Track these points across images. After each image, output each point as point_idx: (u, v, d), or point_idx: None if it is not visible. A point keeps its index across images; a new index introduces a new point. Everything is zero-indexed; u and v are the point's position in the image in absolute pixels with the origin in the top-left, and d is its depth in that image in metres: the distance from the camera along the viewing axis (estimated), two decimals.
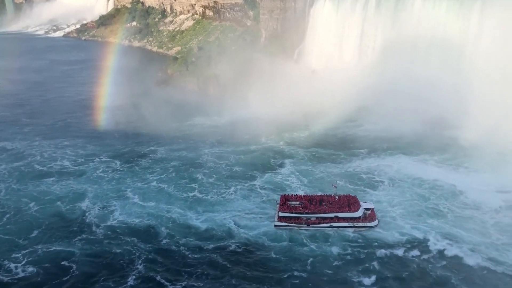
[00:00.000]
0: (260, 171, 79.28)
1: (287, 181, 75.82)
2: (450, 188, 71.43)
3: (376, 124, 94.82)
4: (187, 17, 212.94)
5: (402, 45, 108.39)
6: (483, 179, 73.38)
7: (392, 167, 79.09)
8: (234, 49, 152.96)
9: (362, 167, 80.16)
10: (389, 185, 73.43)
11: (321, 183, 74.61)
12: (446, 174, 75.78)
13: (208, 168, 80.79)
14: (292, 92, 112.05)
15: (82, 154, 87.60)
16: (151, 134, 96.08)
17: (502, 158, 76.92)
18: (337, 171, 78.61)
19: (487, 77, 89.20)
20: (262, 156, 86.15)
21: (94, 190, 72.90)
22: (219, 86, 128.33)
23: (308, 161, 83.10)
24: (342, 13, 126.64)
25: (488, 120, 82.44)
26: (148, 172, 79.12)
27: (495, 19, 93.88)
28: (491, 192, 69.92)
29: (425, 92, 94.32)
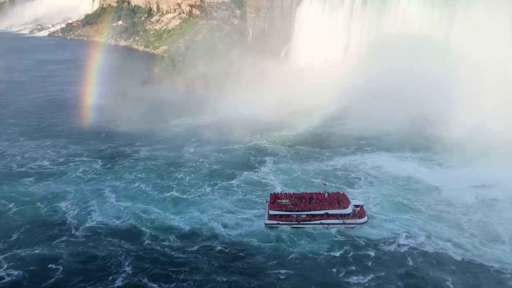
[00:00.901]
0: (240, 169, 79.18)
1: (265, 179, 75.91)
2: (428, 185, 71.96)
3: (361, 122, 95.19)
4: (174, 16, 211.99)
5: (387, 44, 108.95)
6: (462, 175, 74.14)
7: (372, 164, 79.71)
8: (221, 48, 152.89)
9: (343, 164, 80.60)
10: (366, 182, 73.79)
11: (300, 181, 74.68)
12: (425, 171, 76.51)
13: (188, 167, 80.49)
14: (279, 91, 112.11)
15: (64, 154, 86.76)
16: (136, 133, 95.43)
17: (482, 155, 77.42)
18: (318, 169, 78.80)
19: (471, 75, 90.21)
20: (244, 154, 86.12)
21: (73, 190, 72.13)
22: (206, 85, 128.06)
23: (290, 159, 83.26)
24: (329, 12, 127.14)
25: (472, 117, 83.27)
26: (128, 172, 78.57)
27: (479, 18, 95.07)
28: (469, 188, 70.53)
29: (411, 91, 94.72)
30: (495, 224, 61.29)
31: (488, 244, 57.11)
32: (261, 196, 69.48)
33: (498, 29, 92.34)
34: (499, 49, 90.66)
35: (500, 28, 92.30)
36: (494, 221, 62.22)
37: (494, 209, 65.07)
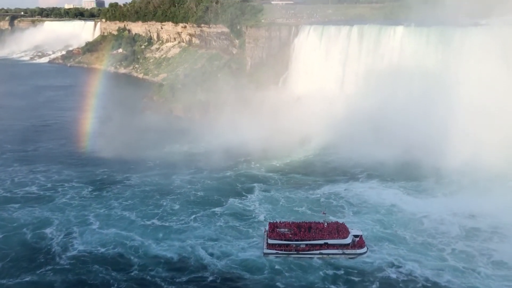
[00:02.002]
0: (226, 197, 79.01)
1: (249, 207, 75.50)
2: (413, 214, 71.82)
3: (356, 151, 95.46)
4: (174, 44, 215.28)
5: (384, 74, 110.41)
6: (449, 205, 74.05)
7: (360, 193, 79.69)
8: (220, 76, 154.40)
9: (331, 193, 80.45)
10: (351, 211, 73.57)
11: (285, 209, 74.34)
12: (412, 200, 76.53)
13: (176, 194, 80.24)
14: (276, 119, 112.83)
15: (54, 179, 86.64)
16: (131, 160, 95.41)
17: (473, 185, 77.91)
18: (303, 198, 78.48)
19: (466, 108, 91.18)
20: (233, 182, 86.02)
21: (58, 217, 71.60)
22: (204, 113, 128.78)
23: (279, 188, 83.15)
24: (326, 42, 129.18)
25: (468, 149, 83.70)
26: (114, 198, 78.36)
27: (473, 53, 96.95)
28: (454, 218, 70.52)
29: (407, 120, 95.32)
30: (478, 255, 61.06)
31: (473, 274, 56.87)
32: (245, 225, 69.27)
33: (492, 64, 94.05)
34: (494, 83, 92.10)
35: (494, 63, 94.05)
36: (477, 251, 62.00)
37: (477, 240, 64.90)
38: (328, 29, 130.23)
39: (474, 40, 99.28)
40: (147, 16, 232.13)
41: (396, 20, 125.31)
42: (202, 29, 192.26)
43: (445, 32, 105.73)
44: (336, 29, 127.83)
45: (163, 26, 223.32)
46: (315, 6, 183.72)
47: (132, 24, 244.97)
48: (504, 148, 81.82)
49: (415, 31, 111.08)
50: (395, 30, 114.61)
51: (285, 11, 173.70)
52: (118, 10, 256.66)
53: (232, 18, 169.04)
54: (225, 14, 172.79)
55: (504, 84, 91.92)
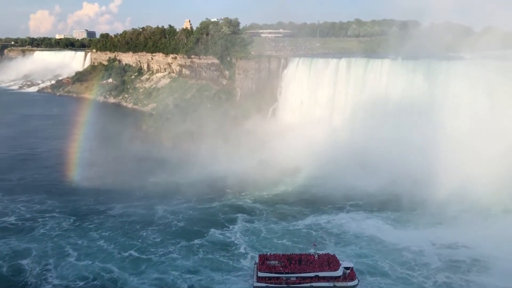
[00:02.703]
0: (208, 227, 78.18)
1: (230, 239, 74.71)
2: (395, 245, 71.61)
3: (345, 182, 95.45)
4: (164, 75, 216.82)
5: (372, 106, 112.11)
6: (431, 237, 74.13)
7: (344, 225, 79.43)
8: (209, 107, 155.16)
9: (314, 224, 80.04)
10: (332, 242, 73.18)
11: (266, 241, 73.65)
12: (394, 231, 76.45)
13: (157, 225, 79.27)
14: (265, 149, 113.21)
15: (36, 209, 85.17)
16: (116, 190, 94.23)
17: (456, 217, 78.70)
18: (285, 229, 77.85)
19: (453, 137, 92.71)
20: (217, 212, 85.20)
21: (35, 248, 70.14)
22: (193, 143, 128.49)
23: (263, 219, 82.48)
24: (314, 74, 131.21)
25: (454, 180, 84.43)
26: (94, 229, 77.18)
27: (459, 82, 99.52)
28: (436, 250, 70.62)
29: (395, 152, 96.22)
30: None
31: None
32: (225, 256, 68.56)
33: (477, 96, 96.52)
34: (479, 115, 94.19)
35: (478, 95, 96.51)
36: (457, 284, 62.17)
37: (457, 271, 65.00)
38: (316, 62, 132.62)
39: (459, 73, 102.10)
40: (138, 47, 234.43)
41: (382, 53, 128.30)
42: (192, 60, 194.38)
43: (431, 65, 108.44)
44: (325, 61, 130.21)
45: (153, 56, 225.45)
46: (304, 39, 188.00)
47: (122, 54, 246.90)
48: (490, 180, 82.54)
49: (402, 64, 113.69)
50: (382, 63, 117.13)
51: (274, 43, 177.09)
52: (109, 41, 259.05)
53: (222, 50, 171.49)
54: (215, 46, 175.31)
55: (488, 115, 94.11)
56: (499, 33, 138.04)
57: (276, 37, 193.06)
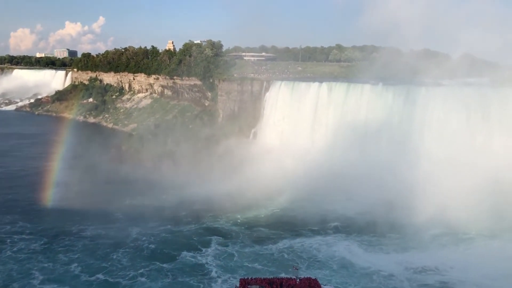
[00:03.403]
0: (180, 250, 76.46)
1: (201, 262, 73.12)
2: (366, 269, 70.89)
3: (325, 206, 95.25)
4: (145, 95, 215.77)
5: (353, 130, 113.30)
6: (404, 261, 73.56)
7: (318, 248, 78.41)
8: (191, 128, 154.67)
9: (289, 247, 78.86)
10: (303, 266, 71.78)
11: (236, 264, 72.29)
12: (367, 255, 75.69)
13: (129, 248, 77.11)
14: (247, 171, 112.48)
15: (5, 231, 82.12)
16: (91, 211, 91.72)
17: (432, 241, 79.19)
18: (261, 253, 76.56)
19: (432, 161, 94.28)
20: (192, 235, 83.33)
21: (0, 271, 67.77)
22: (173, 164, 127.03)
23: (238, 242, 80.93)
24: (296, 97, 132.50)
25: (434, 204, 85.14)
26: (64, 252, 74.74)
27: (437, 107, 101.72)
28: (407, 274, 69.97)
29: (375, 176, 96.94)
30: None
31: None
32: (195, 280, 67.23)
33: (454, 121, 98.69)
34: (457, 140, 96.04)
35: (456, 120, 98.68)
36: None
37: None
38: (298, 85, 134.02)
39: (437, 98, 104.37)
40: (119, 67, 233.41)
41: (363, 78, 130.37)
42: (174, 81, 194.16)
43: (410, 91, 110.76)
44: (306, 85, 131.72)
45: (135, 77, 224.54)
46: (286, 63, 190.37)
47: (104, 74, 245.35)
48: (468, 205, 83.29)
49: (382, 89, 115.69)
50: (362, 88, 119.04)
51: (257, 66, 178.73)
52: (91, 60, 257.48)
53: (204, 71, 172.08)
54: (198, 67, 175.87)
55: (466, 141, 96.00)
56: (476, 60, 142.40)
57: (258, 60, 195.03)
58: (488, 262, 71.26)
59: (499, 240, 78.66)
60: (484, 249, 76.22)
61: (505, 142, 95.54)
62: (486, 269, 69.32)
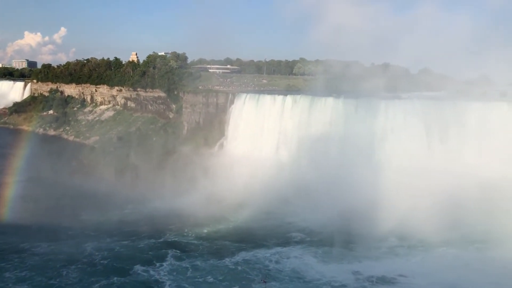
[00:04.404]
0: (133, 264, 74.45)
1: (153, 277, 71.29)
2: (317, 280, 70.85)
3: (290, 217, 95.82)
4: (108, 107, 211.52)
5: (317, 141, 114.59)
6: (357, 271, 74.04)
7: (275, 260, 78.11)
8: (155, 140, 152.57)
9: (248, 260, 78.27)
10: (259, 278, 71.27)
11: (191, 280, 70.88)
12: (323, 267, 75.77)
13: (81, 264, 74.57)
14: (212, 184, 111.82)
15: None
16: (48, 227, 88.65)
17: (388, 252, 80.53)
18: (217, 266, 75.45)
19: (394, 172, 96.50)
20: (149, 250, 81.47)
21: None
22: (137, 177, 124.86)
23: (197, 256, 79.39)
24: (261, 109, 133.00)
25: (396, 214, 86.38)
26: (11, 269, 71.49)
27: (398, 119, 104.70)
28: (358, 284, 70.51)
29: (339, 187, 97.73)
30: None
31: None
32: None
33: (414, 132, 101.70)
34: (416, 151, 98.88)
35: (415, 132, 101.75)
36: None
37: None
38: (263, 98, 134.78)
39: (397, 111, 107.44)
40: (81, 78, 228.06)
41: (326, 91, 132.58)
42: (138, 93, 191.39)
43: (371, 104, 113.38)
44: (271, 97, 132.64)
45: (97, 88, 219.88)
46: (251, 76, 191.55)
47: (65, 85, 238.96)
48: (427, 213, 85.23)
49: (344, 102, 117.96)
50: (325, 101, 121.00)
51: (222, 79, 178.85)
52: (51, 71, 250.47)
53: (169, 84, 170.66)
54: (162, 79, 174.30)
55: (425, 152, 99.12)
56: (434, 75, 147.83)
57: (224, 72, 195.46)
58: (439, 270, 73.21)
59: (454, 249, 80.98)
60: (438, 258, 78.03)
61: (460, 152, 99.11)
62: (436, 277, 71.01)
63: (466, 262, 76.00)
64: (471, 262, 75.91)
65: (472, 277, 70.50)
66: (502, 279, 69.74)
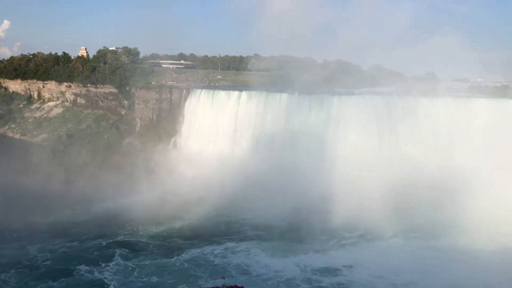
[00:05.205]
0: (77, 265, 73.02)
1: (96, 277, 70.03)
2: (264, 275, 71.39)
3: (247, 212, 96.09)
4: (56, 104, 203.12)
5: (272, 137, 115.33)
6: (304, 264, 75.51)
7: (226, 256, 78.62)
8: (107, 137, 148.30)
9: (197, 257, 78.24)
10: (207, 274, 71.71)
11: (136, 280, 69.87)
12: (271, 261, 76.57)
13: (23, 267, 72.26)
14: (168, 181, 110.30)
15: None
16: None
17: (345, 243, 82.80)
18: (164, 265, 74.83)
19: (347, 166, 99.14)
20: (96, 250, 79.60)
21: None
22: (88, 176, 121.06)
23: (147, 255, 78.39)
24: (217, 105, 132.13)
25: (349, 207, 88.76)
26: None
27: (350, 114, 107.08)
28: (304, 275, 71.99)
29: (295, 182, 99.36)
30: None
31: None
32: None
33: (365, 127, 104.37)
34: (367, 144, 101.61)
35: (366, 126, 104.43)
36: None
37: None
38: (218, 93, 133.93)
39: (350, 106, 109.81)
40: (27, 74, 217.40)
41: (280, 87, 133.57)
42: (88, 89, 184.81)
43: (324, 99, 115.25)
44: (226, 93, 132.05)
45: (45, 84, 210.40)
46: (206, 71, 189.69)
47: (9, 81, 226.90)
48: (378, 206, 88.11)
49: (299, 97, 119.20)
50: (280, 96, 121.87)
51: (176, 74, 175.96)
52: None
53: (121, 79, 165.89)
54: (114, 75, 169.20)
55: (376, 145, 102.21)
56: (384, 71, 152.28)
57: (177, 68, 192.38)
58: (384, 260, 75.88)
59: (400, 239, 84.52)
60: (385, 248, 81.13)
61: (408, 146, 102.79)
62: (380, 266, 73.58)
63: (411, 251, 79.53)
64: (416, 251, 79.59)
65: (415, 266, 73.85)
66: (444, 267, 73.13)
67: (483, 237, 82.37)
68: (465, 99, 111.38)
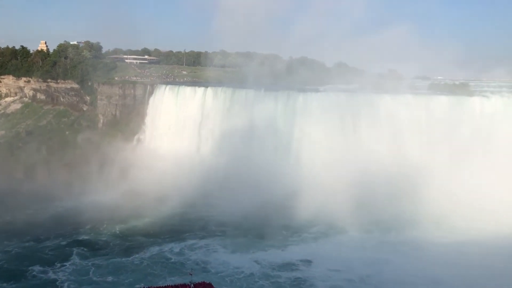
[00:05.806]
0: (33, 266, 70.93)
1: (51, 277, 68.26)
2: (221, 272, 71.48)
3: (212, 210, 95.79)
4: (14, 99, 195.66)
5: (238, 133, 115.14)
6: (262, 260, 75.95)
7: (185, 254, 78.01)
8: (68, 134, 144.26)
9: (155, 255, 77.47)
10: (166, 272, 71.17)
11: (90, 281, 68.38)
12: (230, 258, 76.93)
13: None
14: (131, 179, 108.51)
15: None
16: None
17: (306, 239, 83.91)
18: (121, 264, 73.68)
19: (312, 161, 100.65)
20: (53, 250, 77.59)
21: None
22: (49, 174, 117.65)
23: (106, 254, 76.93)
24: (182, 102, 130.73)
25: (313, 204, 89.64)
26: None
27: (315, 111, 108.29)
28: (262, 270, 72.48)
29: (261, 178, 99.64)
30: None
31: None
32: None
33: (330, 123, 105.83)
34: (332, 140, 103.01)
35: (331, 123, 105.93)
36: None
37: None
38: (183, 89, 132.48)
39: (314, 103, 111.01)
40: None
41: (246, 84, 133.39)
42: (48, 84, 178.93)
43: (290, 96, 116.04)
44: (192, 89, 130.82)
45: (2, 79, 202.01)
46: (171, 67, 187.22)
47: None
48: (342, 201, 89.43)
49: (265, 94, 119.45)
50: (246, 93, 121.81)
51: (140, 70, 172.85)
52: None
53: (83, 74, 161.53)
54: (75, 70, 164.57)
55: (340, 141, 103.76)
56: (348, 68, 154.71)
57: (141, 63, 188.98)
58: (343, 254, 77.38)
59: (362, 233, 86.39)
60: (345, 242, 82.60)
61: (372, 142, 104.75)
62: (338, 259, 75.08)
63: (369, 246, 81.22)
64: (374, 245, 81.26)
65: (371, 260, 75.20)
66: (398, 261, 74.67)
67: (437, 231, 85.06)
68: (426, 96, 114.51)
